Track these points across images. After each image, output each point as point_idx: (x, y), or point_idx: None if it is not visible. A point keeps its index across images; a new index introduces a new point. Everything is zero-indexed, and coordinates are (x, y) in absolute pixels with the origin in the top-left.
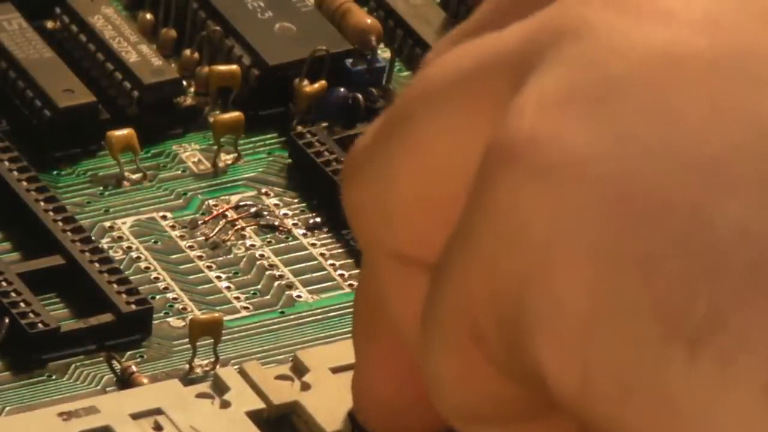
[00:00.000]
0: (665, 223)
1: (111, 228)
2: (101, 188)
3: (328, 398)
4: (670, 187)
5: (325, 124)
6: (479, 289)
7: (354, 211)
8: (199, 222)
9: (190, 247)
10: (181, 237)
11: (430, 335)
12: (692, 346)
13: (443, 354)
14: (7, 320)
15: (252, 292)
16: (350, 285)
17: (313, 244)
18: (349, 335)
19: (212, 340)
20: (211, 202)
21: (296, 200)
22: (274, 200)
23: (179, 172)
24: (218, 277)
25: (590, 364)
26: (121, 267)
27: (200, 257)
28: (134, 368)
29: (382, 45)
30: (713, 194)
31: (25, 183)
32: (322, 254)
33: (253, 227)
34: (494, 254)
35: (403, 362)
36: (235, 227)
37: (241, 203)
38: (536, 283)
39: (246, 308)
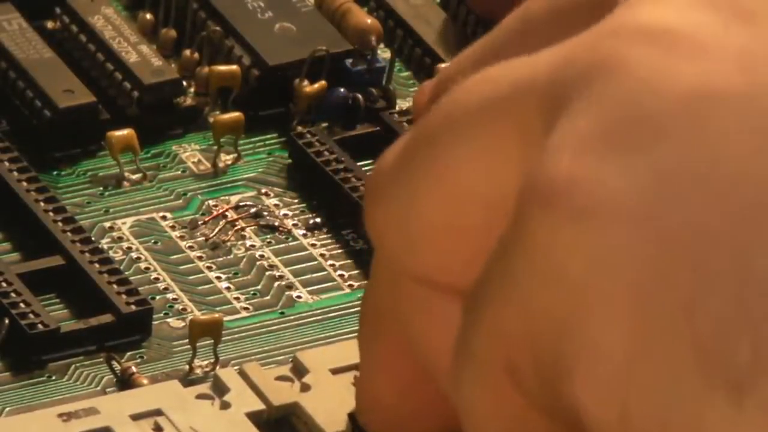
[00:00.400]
0: (707, 266)
1: (111, 228)
2: (101, 188)
3: (328, 399)
4: (712, 229)
5: (325, 125)
6: (516, 326)
7: (377, 231)
8: (199, 222)
9: (190, 247)
10: (181, 237)
11: (463, 367)
12: (736, 391)
13: (477, 386)
14: (7, 321)
15: (252, 292)
16: (350, 285)
17: (313, 245)
18: (349, 336)
19: (212, 341)
20: (211, 202)
21: (296, 200)
22: (274, 200)
23: (179, 172)
24: (218, 278)
25: (630, 403)
26: (121, 267)
27: (200, 258)
28: (134, 369)
29: (382, 45)
30: (755, 237)
31: (25, 183)
32: (322, 255)
33: (253, 227)
34: (532, 294)
35: (409, 368)
36: (235, 227)
37: (241, 203)
38: (575, 325)
39: (246, 309)
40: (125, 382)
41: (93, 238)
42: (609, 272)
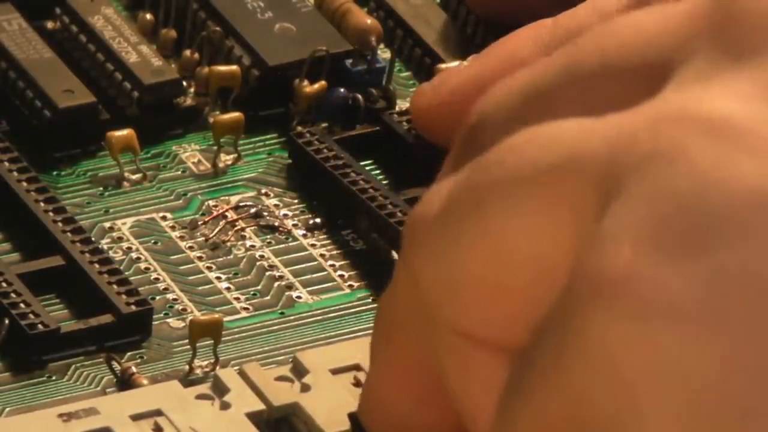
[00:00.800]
0: (767, 377)
1: (111, 228)
2: (101, 189)
3: (328, 399)
4: None
5: (325, 125)
6: (563, 414)
7: (415, 275)
8: (199, 222)
9: (190, 247)
10: (181, 237)
11: None
12: None
13: None
14: (7, 321)
15: (252, 292)
16: (350, 286)
17: (313, 245)
18: (350, 336)
19: (212, 341)
20: (211, 202)
21: (296, 201)
22: (274, 201)
23: (179, 172)
24: (218, 278)
25: None
26: (121, 268)
27: (200, 258)
28: (134, 369)
29: (382, 45)
30: None
31: (25, 183)
32: (322, 255)
33: (253, 228)
34: (585, 386)
35: (424, 379)
36: (235, 228)
37: (241, 204)
38: (627, 424)
39: (246, 309)
40: (125, 382)
41: (93, 239)
42: (665, 376)
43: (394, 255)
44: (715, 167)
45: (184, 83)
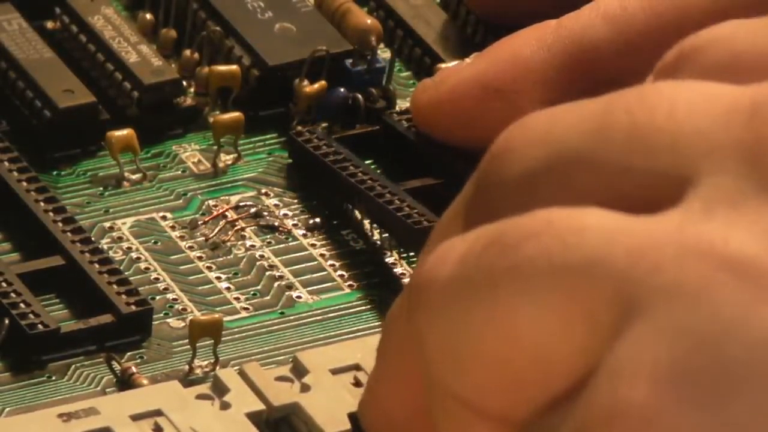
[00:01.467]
0: None
1: (111, 228)
2: (101, 188)
3: (328, 399)
4: None
5: (325, 125)
6: None
7: (420, 336)
8: (199, 222)
9: (190, 247)
10: (181, 237)
11: None
12: None
13: None
14: (7, 321)
15: (252, 292)
16: (350, 285)
17: (313, 245)
18: (349, 336)
19: (212, 341)
20: (211, 202)
21: (296, 200)
22: (274, 200)
23: (179, 172)
24: (218, 278)
25: None
26: (121, 267)
27: (200, 258)
28: (134, 369)
29: (382, 45)
30: None
31: (25, 183)
32: (322, 255)
33: (253, 228)
34: None
35: (422, 393)
36: (235, 228)
37: (241, 203)
38: None
39: (246, 309)
40: (125, 382)
41: (93, 238)
42: None
43: (394, 255)
44: (738, 315)
45: (184, 83)
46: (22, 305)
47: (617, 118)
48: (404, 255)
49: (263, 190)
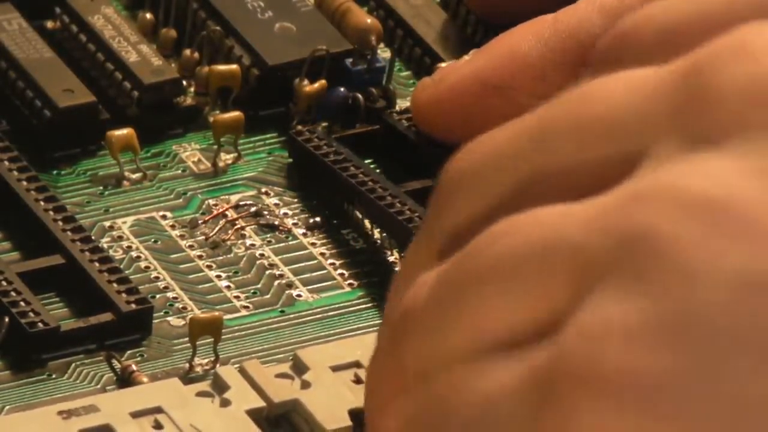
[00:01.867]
0: None
1: (111, 227)
2: (101, 188)
3: (328, 396)
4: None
5: (325, 124)
6: None
7: (407, 364)
8: (199, 221)
9: (190, 246)
10: (181, 236)
11: None
12: None
13: None
14: (7, 319)
15: (252, 291)
16: (350, 284)
17: (313, 244)
18: (349, 334)
19: (212, 339)
20: (211, 201)
21: (296, 200)
22: (274, 200)
23: (179, 171)
24: (218, 277)
25: None
26: (121, 266)
27: (200, 257)
28: (134, 367)
29: (382, 45)
30: None
31: (25, 183)
32: (322, 253)
33: (253, 227)
34: None
35: None
36: (235, 227)
37: (241, 203)
38: None
39: (246, 307)
40: (125, 380)
41: (93, 237)
42: None
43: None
44: (705, 257)
45: (184, 83)
46: (22, 304)
47: (558, 117)
48: (404, 255)
49: (263, 190)
